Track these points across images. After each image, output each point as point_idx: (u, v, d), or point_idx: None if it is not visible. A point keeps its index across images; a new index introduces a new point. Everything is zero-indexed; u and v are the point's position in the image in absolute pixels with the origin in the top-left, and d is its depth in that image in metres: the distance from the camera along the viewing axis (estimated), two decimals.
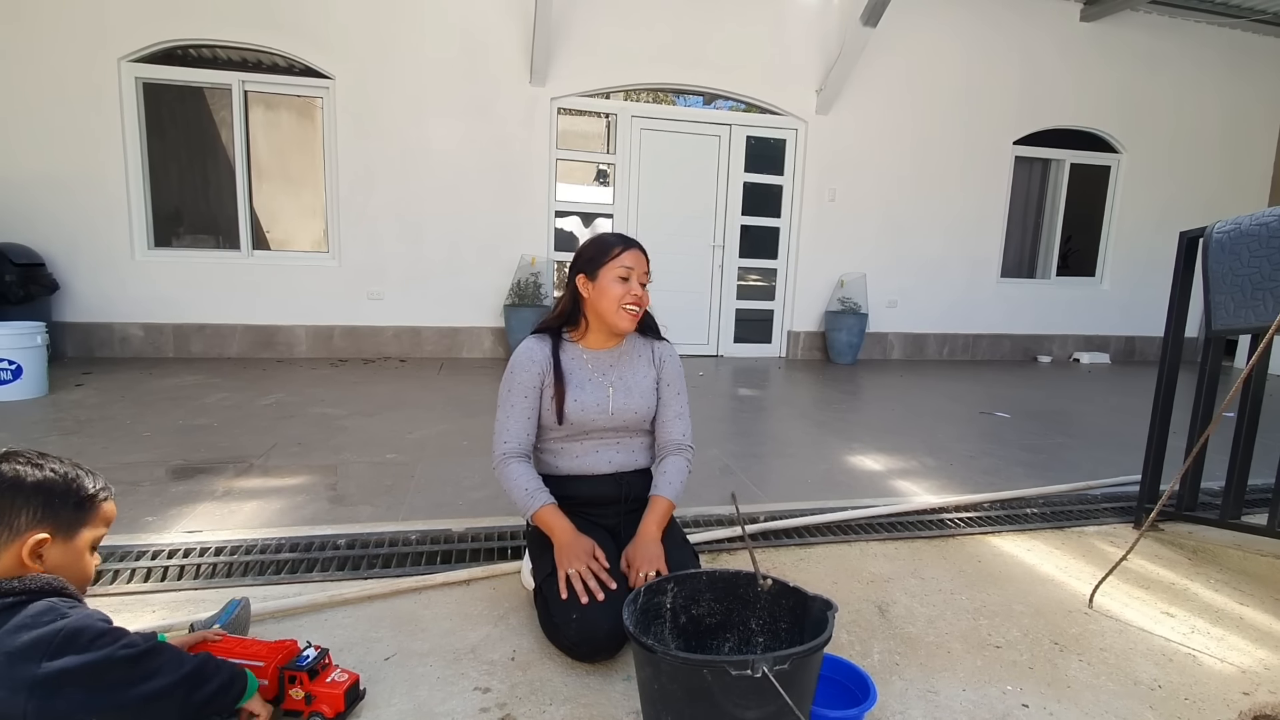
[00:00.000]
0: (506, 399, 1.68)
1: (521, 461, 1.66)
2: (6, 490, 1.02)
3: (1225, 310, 2.08)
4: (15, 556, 1.01)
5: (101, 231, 5.06)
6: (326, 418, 3.61)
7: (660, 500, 1.66)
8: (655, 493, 1.69)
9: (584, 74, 5.67)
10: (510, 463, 1.65)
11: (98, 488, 1.12)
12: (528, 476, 1.63)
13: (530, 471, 1.65)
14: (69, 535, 1.07)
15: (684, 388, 1.81)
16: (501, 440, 1.67)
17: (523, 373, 1.67)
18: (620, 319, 1.65)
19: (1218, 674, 1.55)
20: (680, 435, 1.77)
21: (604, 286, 1.65)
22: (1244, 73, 7.10)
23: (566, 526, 1.57)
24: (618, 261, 1.64)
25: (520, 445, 1.67)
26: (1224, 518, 2.23)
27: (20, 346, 3.74)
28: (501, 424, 1.68)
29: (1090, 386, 5.71)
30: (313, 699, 1.25)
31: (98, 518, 1.11)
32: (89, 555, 1.11)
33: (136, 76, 5.02)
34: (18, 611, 0.96)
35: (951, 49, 6.35)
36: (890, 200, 6.49)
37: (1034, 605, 1.85)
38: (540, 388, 1.68)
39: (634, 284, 1.65)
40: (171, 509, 2.31)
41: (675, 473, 1.72)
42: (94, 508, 1.11)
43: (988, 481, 2.94)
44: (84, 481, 1.10)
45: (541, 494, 1.62)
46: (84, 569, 1.10)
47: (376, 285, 5.57)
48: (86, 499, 1.09)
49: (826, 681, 1.33)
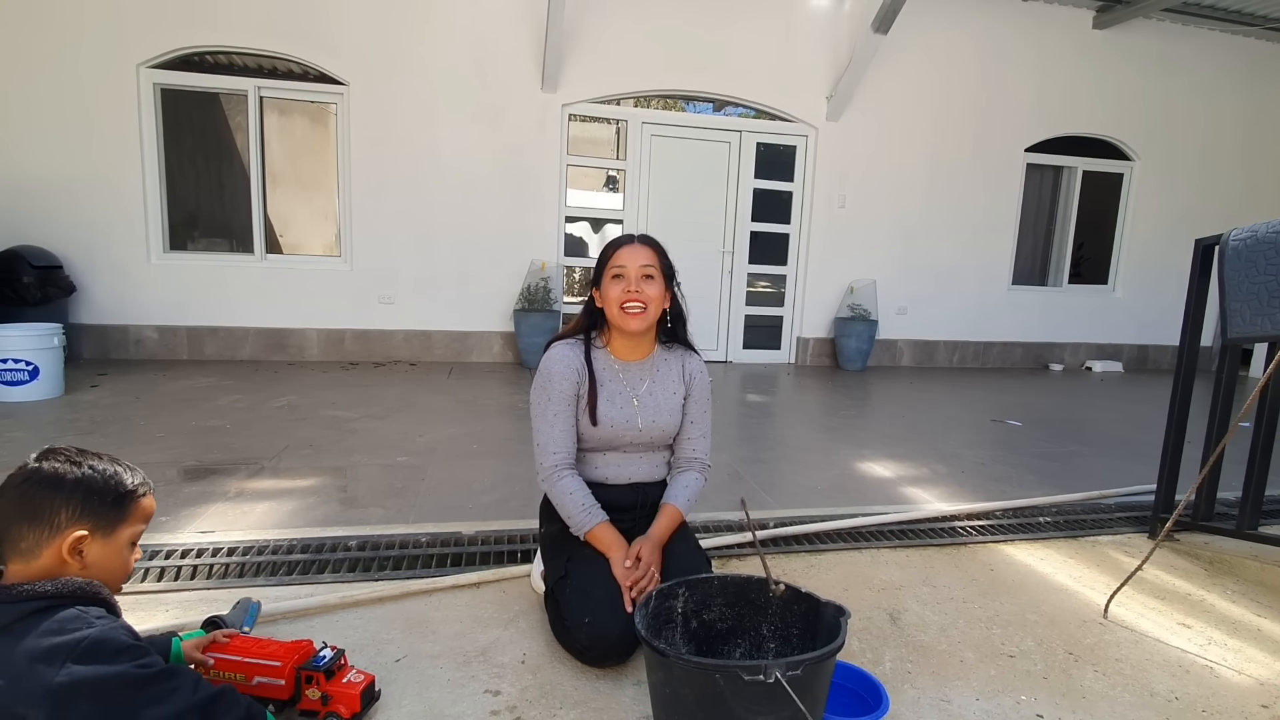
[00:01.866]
0: (546, 408, 1.63)
1: (574, 475, 1.62)
2: (46, 488, 1.02)
3: (1241, 318, 2.06)
4: (56, 553, 1.01)
5: (118, 235, 5.12)
6: (337, 420, 3.63)
7: (671, 508, 1.67)
8: (668, 501, 1.69)
9: (595, 80, 5.70)
10: (564, 476, 1.61)
11: (136, 483, 1.11)
12: (583, 492, 1.61)
13: (583, 486, 1.62)
14: (109, 532, 1.07)
15: (709, 406, 1.78)
16: (550, 451, 1.62)
17: (561, 381, 1.62)
18: (623, 320, 1.61)
19: (1236, 686, 1.53)
20: (701, 453, 1.76)
21: (605, 291, 1.63)
22: (1258, 80, 7.04)
23: (620, 543, 1.57)
24: (611, 264, 1.63)
25: (568, 456, 1.63)
26: (1241, 528, 2.21)
27: (37, 348, 3.78)
28: (545, 434, 1.62)
29: (1103, 395, 5.66)
30: (329, 699, 1.25)
31: (137, 514, 1.11)
32: (128, 551, 1.11)
33: (154, 82, 5.09)
34: (49, 616, 0.96)
35: (963, 56, 6.34)
36: (901, 207, 6.47)
37: (1048, 614, 1.83)
38: (578, 395, 1.64)
39: (629, 281, 1.59)
40: (185, 509, 2.33)
41: (690, 487, 1.72)
42: (133, 504, 1.10)
43: (999, 489, 2.91)
44: (123, 478, 1.09)
45: (596, 511, 1.59)
46: (123, 565, 1.10)
47: (387, 289, 5.61)
48: (125, 495, 1.09)
49: (839, 689, 1.32)
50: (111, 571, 1.08)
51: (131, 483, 1.10)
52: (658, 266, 1.64)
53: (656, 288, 1.63)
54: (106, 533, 1.06)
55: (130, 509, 1.09)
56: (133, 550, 1.12)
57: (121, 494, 1.08)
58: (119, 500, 1.08)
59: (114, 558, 1.08)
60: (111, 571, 1.08)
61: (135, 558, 1.14)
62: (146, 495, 1.13)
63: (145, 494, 1.13)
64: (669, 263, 1.69)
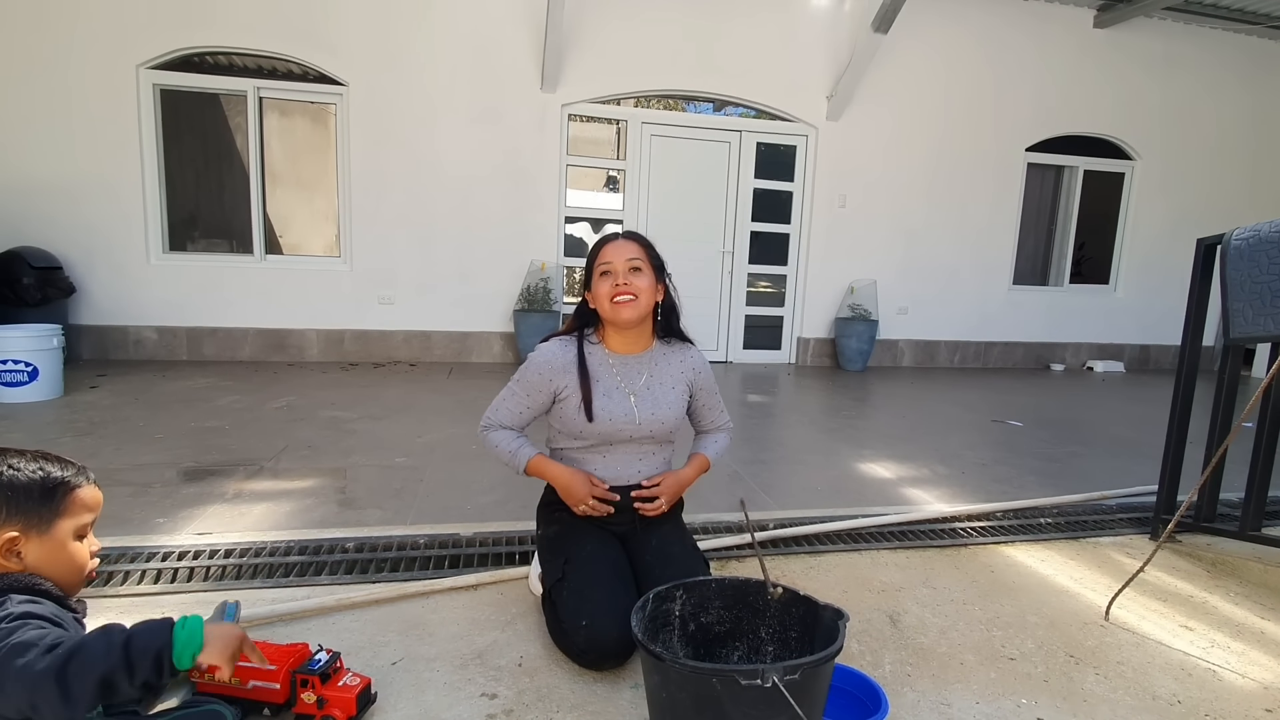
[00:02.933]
0: (512, 386, 1.71)
1: (502, 429, 1.71)
2: None
3: (1244, 318, 2.05)
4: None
5: (118, 236, 5.12)
6: (336, 421, 3.63)
7: (700, 457, 1.77)
8: (697, 450, 1.80)
9: (595, 80, 5.69)
10: (492, 431, 1.71)
11: (66, 475, 1.07)
12: (509, 436, 1.69)
13: (510, 433, 1.70)
14: (43, 529, 1.03)
15: (717, 389, 1.84)
16: (489, 414, 1.72)
17: (535, 374, 1.66)
18: (614, 312, 1.62)
19: (1239, 690, 1.52)
20: (724, 421, 1.86)
21: (595, 289, 1.65)
22: (1260, 78, 7.02)
23: (560, 470, 1.64)
24: (598, 262, 1.65)
25: (505, 426, 1.71)
26: (1244, 529, 2.19)
27: (37, 349, 3.78)
28: (497, 402, 1.72)
29: (1104, 395, 5.64)
30: (325, 702, 1.24)
31: (74, 506, 1.07)
32: (73, 545, 1.07)
33: (154, 83, 5.08)
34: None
35: (963, 56, 6.32)
36: (901, 207, 6.45)
37: (1049, 617, 1.82)
38: (550, 394, 1.65)
39: (617, 274, 1.61)
40: (182, 511, 2.32)
41: (719, 442, 1.84)
42: (66, 497, 1.06)
43: (1000, 490, 2.90)
44: (50, 471, 1.05)
45: (527, 447, 1.67)
46: (71, 560, 1.06)
47: (387, 290, 5.60)
48: (54, 489, 1.05)
49: (837, 692, 1.31)
50: (61, 567, 1.05)
51: (61, 474, 1.06)
52: (645, 259, 1.64)
53: (646, 279, 1.63)
54: (41, 530, 1.03)
55: (63, 502, 1.06)
56: (83, 542, 1.08)
57: (50, 488, 1.05)
58: (47, 495, 1.04)
59: (58, 553, 1.05)
60: (61, 567, 1.05)
61: (92, 550, 1.10)
62: (82, 486, 1.09)
63: (79, 485, 1.09)
64: (658, 256, 1.69)
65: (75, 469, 1.10)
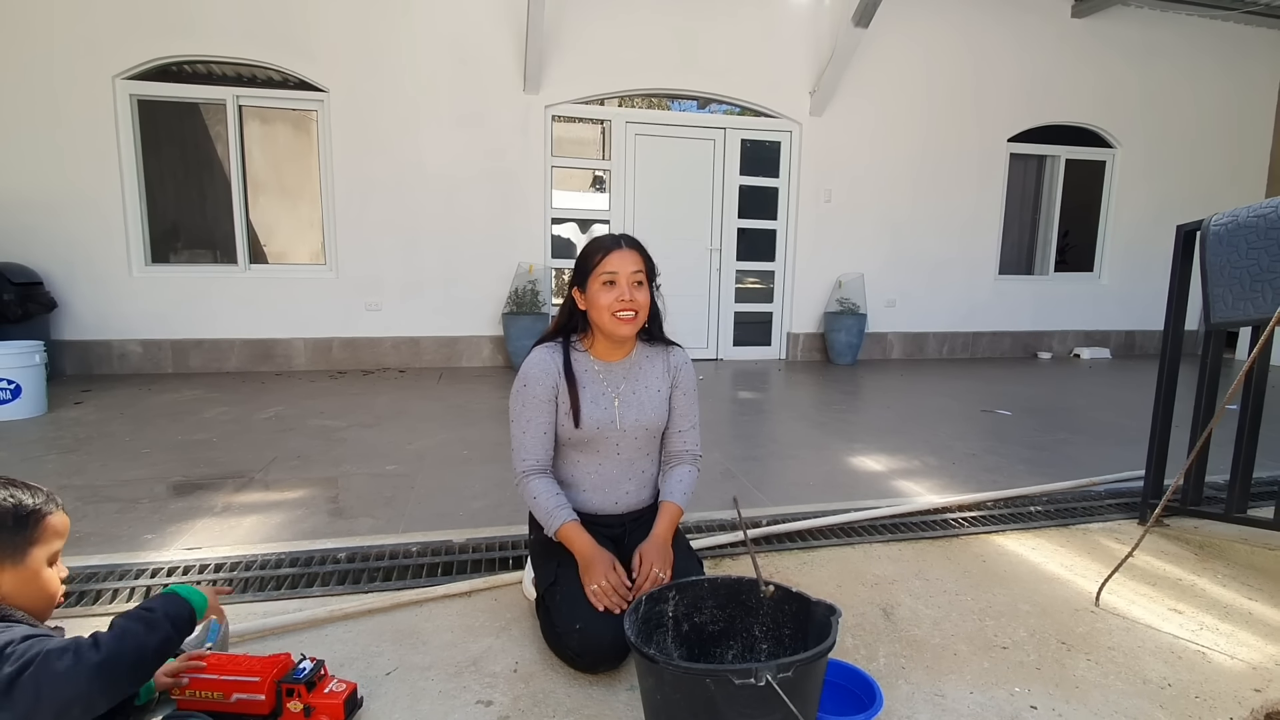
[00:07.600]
0: (521, 414, 1.64)
1: (543, 478, 1.63)
2: None
3: (1224, 303, 2.07)
4: None
5: (99, 249, 5.06)
6: (326, 430, 3.60)
7: (670, 505, 1.67)
8: (666, 498, 1.69)
9: (578, 81, 5.68)
10: (532, 480, 1.62)
11: (38, 504, 1.06)
12: (550, 493, 1.61)
13: (552, 487, 1.62)
14: (17, 559, 1.02)
15: (697, 397, 1.78)
16: (520, 458, 1.64)
17: (536, 385, 1.62)
18: (615, 327, 1.59)
19: (1228, 671, 1.54)
20: (692, 445, 1.76)
21: (593, 297, 1.60)
22: (1238, 64, 7.10)
23: (588, 542, 1.55)
24: (600, 269, 1.59)
25: (540, 461, 1.63)
26: (1230, 512, 2.22)
27: (19, 365, 3.73)
28: (519, 440, 1.64)
29: (1091, 382, 5.69)
30: (312, 710, 1.24)
31: (46, 533, 1.06)
32: (46, 572, 1.06)
33: (131, 94, 5.03)
34: None
35: (943, 48, 6.36)
36: (886, 200, 6.48)
37: (1040, 605, 1.83)
38: (554, 399, 1.63)
39: (622, 288, 1.57)
40: (170, 526, 2.30)
41: (685, 480, 1.72)
42: (38, 525, 1.05)
43: (990, 480, 2.92)
44: (22, 500, 1.04)
45: (564, 511, 1.58)
46: (43, 588, 1.06)
47: (374, 296, 5.57)
48: (26, 518, 1.04)
49: (832, 687, 1.31)
50: (34, 597, 1.04)
51: (32, 503, 1.06)
52: (645, 271, 1.63)
53: (645, 294, 1.62)
54: (15, 560, 1.02)
55: (36, 530, 1.05)
56: (53, 569, 1.08)
57: (22, 517, 1.03)
58: (20, 524, 1.03)
59: (31, 583, 1.04)
60: (34, 597, 1.04)
61: (61, 575, 1.10)
62: (54, 512, 1.08)
63: (51, 511, 1.08)
64: (653, 264, 1.68)
65: (45, 495, 1.09)
